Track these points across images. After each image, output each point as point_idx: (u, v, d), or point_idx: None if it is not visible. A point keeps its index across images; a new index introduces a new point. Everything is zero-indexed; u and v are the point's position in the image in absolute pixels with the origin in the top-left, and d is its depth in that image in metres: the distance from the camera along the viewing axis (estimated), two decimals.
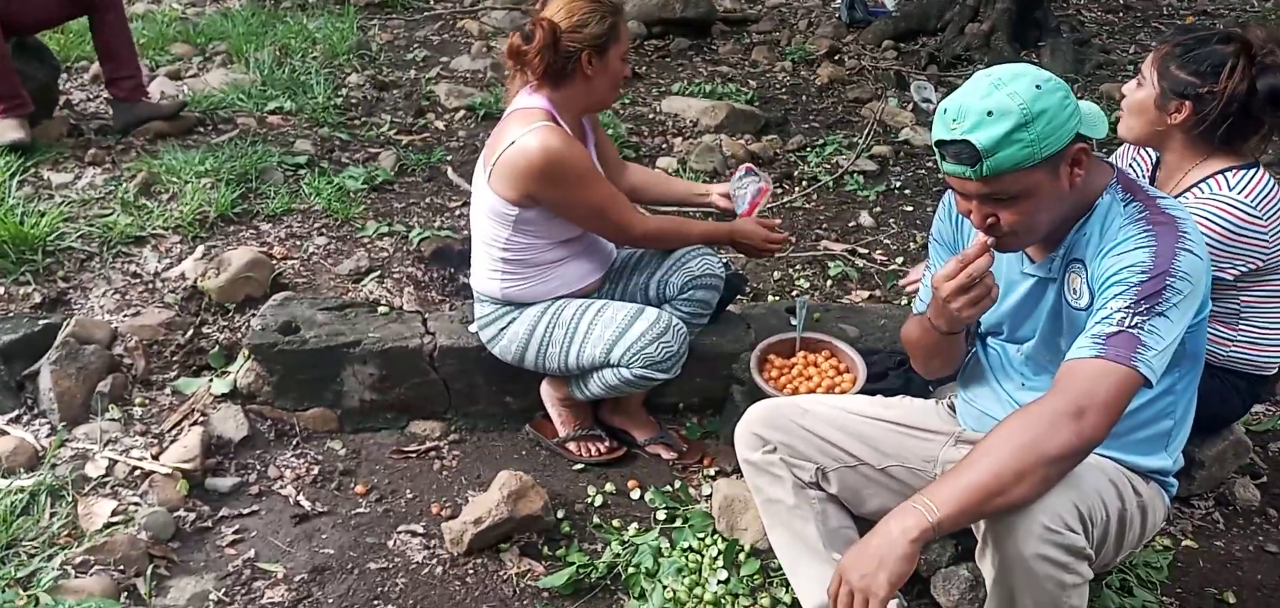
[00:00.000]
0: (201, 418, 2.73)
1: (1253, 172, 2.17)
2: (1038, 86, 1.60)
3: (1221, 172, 2.17)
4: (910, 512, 1.54)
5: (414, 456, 2.73)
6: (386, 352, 2.75)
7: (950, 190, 1.98)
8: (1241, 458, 2.59)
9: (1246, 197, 2.13)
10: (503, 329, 2.56)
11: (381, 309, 2.93)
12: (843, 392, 2.47)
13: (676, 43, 6.67)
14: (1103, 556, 1.75)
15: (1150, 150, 2.37)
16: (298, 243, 3.51)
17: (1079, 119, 1.64)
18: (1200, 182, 2.18)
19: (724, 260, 2.85)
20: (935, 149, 1.69)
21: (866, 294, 3.63)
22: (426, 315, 2.90)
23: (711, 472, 2.68)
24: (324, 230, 3.61)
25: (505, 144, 2.36)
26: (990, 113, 1.59)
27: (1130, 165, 2.45)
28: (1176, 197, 2.22)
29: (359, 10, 6.78)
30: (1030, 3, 7.18)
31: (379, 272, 3.32)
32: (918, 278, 2.60)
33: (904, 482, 2.02)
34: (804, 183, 4.65)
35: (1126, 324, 1.58)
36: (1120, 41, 7.65)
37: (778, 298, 3.54)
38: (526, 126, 2.33)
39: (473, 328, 2.67)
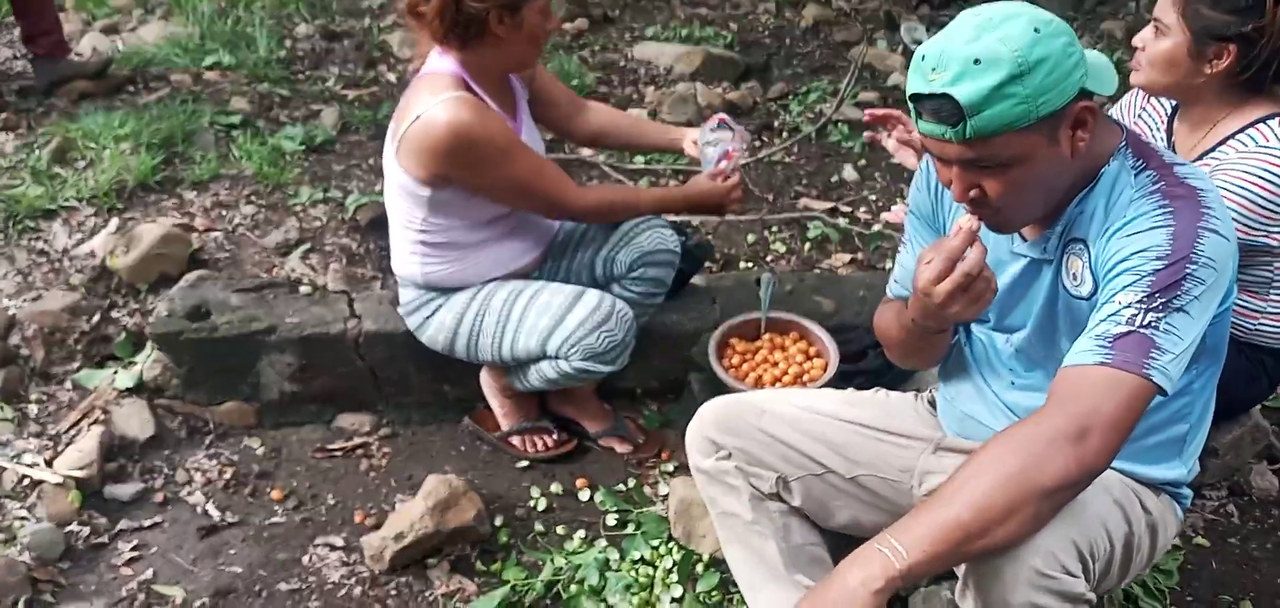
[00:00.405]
0: (103, 416, 2.45)
1: None
2: (1036, 30, 1.30)
3: (1265, 120, 1.87)
4: (874, 556, 1.27)
5: (339, 454, 2.46)
6: (306, 339, 2.47)
7: (927, 154, 1.69)
8: (1259, 443, 2.33)
9: None
10: (428, 317, 2.27)
11: (303, 289, 2.65)
12: (811, 380, 2.19)
13: None
14: (1104, 585, 1.49)
15: (1165, 99, 2.07)
16: (223, 212, 3.21)
17: (1084, 71, 1.34)
18: (1239, 132, 1.88)
19: (684, 232, 2.56)
20: (910, 104, 1.39)
21: (847, 258, 3.33)
22: (353, 296, 2.61)
23: (670, 467, 2.41)
24: (253, 198, 3.30)
25: (411, 117, 2.05)
26: (977, 61, 1.29)
27: (1138, 119, 2.15)
28: (1209, 151, 1.93)
29: None
30: None
31: (309, 244, 3.02)
32: (902, 217, 2.29)
33: (877, 493, 1.75)
34: (784, 134, 4.34)
35: (1138, 323, 1.30)
36: None
37: (750, 264, 3.25)
38: (434, 96, 2.03)
39: (399, 312, 2.38)
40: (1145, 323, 1.30)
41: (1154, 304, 1.30)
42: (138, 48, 4.45)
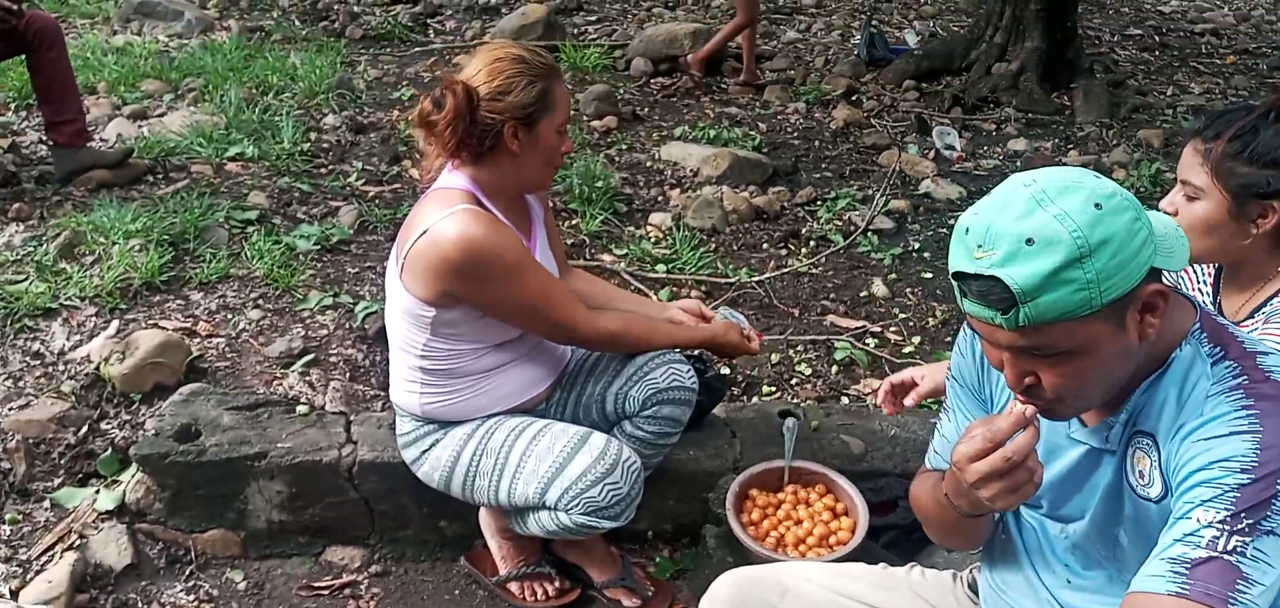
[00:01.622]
0: (79, 541, 2.30)
1: None
2: (1097, 205, 1.14)
3: None
4: None
5: (326, 593, 2.29)
6: (298, 466, 2.32)
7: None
8: None
9: None
10: (425, 452, 2.11)
11: (300, 408, 2.50)
12: (839, 543, 2.01)
13: (683, 82, 6.25)
14: None
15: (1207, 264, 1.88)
16: (228, 316, 3.09)
17: (1153, 249, 1.18)
18: None
19: (702, 362, 2.40)
20: (954, 282, 1.23)
21: (876, 385, 3.15)
22: (351, 418, 2.47)
23: None
24: (261, 302, 3.19)
25: (417, 232, 1.93)
26: (1030, 241, 1.13)
27: (1175, 286, 1.94)
28: (1259, 308, 1.75)
29: (350, 44, 6.44)
30: (1062, 41, 6.72)
31: (313, 355, 2.89)
32: (901, 386, 2.10)
33: None
34: (811, 243, 4.19)
35: (1221, 547, 1.11)
36: (1157, 83, 7.16)
37: (774, 390, 3.08)
38: (443, 210, 1.90)
39: (398, 440, 2.22)
40: (1229, 548, 1.11)
41: (1238, 526, 1.12)
42: (161, 136, 4.41)
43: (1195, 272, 1.93)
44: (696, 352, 2.52)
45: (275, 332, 3.02)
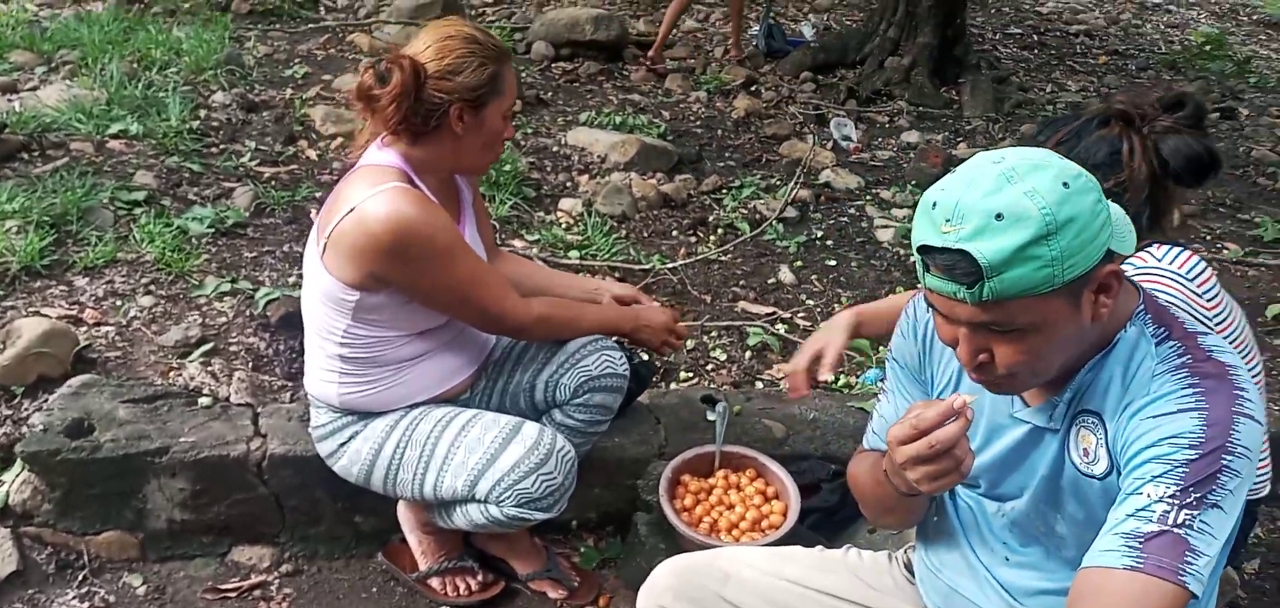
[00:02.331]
0: None
1: (1175, 248, 1.78)
2: (1064, 184, 1.16)
3: (1144, 248, 1.77)
4: None
5: (233, 596, 2.17)
6: (202, 462, 2.19)
7: (920, 303, 1.54)
8: (1226, 596, 2.22)
9: (1180, 268, 1.73)
10: (342, 445, 2.02)
11: (203, 400, 2.37)
12: (772, 527, 2.01)
13: (586, 68, 6.20)
14: None
15: None
16: (118, 303, 2.90)
17: (1111, 231, 1.20)
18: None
19: (629, 350, 2.37)
20: (917, 256, 1.23)
21: (785, 371, 3.18)
22: (258, 410, 2.35)
23: None
24: (153, 288, 3.00)
25: (343, 210, 1.83)
26: (1000, 216, 1.14)
27: None
28: None
29: (237, 18, 6.14)
30: (951, 38, 6.94)
31: (212, 344, 2.74)
32: (800, 374, 2.10)
33: None
34: (720, 231, 4.21)
35: (1172, 521, 1.15)
36: (1037, 80, 7.47)
37: (690, 375, 3.08)
38: (372, 188, 1.82)
39: (310, 434, 2.12)
40: (1179, 522, 1.15)
41: (1187, 501, 1.15)
42: (36, 111, 4.11)
43: None
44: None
45: (170, 320, 2.85)
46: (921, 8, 6.81)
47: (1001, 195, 1.14)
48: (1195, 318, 1.69)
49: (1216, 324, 1.74)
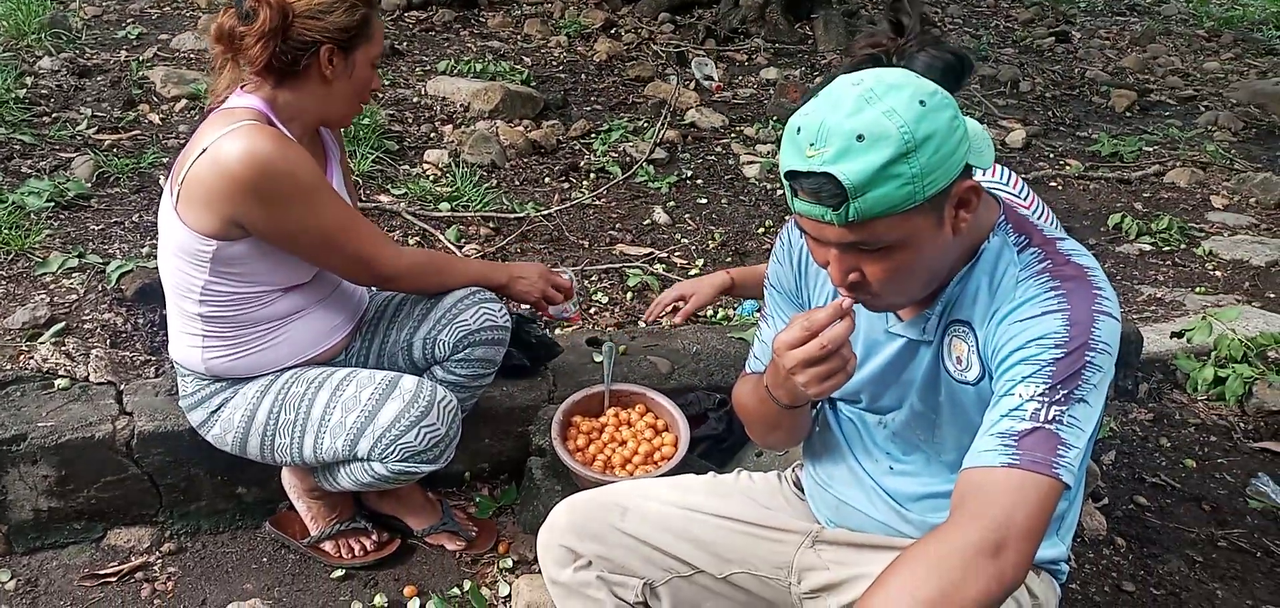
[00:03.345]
0: None
1: (1007, 169, 1.91)
2: (921, 102, 1.20)
3: None
4: None
5: (113, 580, 2.07)
6: (64, 446, 2.07)
7: (794, 228, 1.58)
8: (1089, 487, 2.39)
9: (1013, 187, 1.85)
10: (214, 413, 1.94)
11: (60, 382, 2.23)
12: (664, 459, 2.05)
13: (441, 15, 6.06)
14: None
15: None
16: None
17: (968, 146, 1.27)
18: None
19: (529, 324, 2.36)
20: (785, 181, 1.27)
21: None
22: (122, 388, 2.23)
23: (509, 562, 2.18)
24: None
25: (196, 152, 1.74)
26: (861, 137, 1.18)
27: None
28: None
29: None
30: None
31: (63, 323, 2.58)
32: (667, 305, 2.23)
33: (751, 593, 1.62)
34: (592, 176, 4.21)
35: (1043, 417, 1.23)
36: (885, 14, 7.71)
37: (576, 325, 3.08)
38: (226, 127, 1.74)
39: (180, 405, 2.03)
40: (1049, 418, 1.23)
41: (1056, 397, 1.23)
42: None
43: None
44: (530, 313, 2.49)
45: (14, 301, 2.66)
46: None
47: (861, 116, 1.18)
48: None
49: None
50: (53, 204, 3.17)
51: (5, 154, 3.48)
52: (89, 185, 3.35)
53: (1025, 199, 1.85)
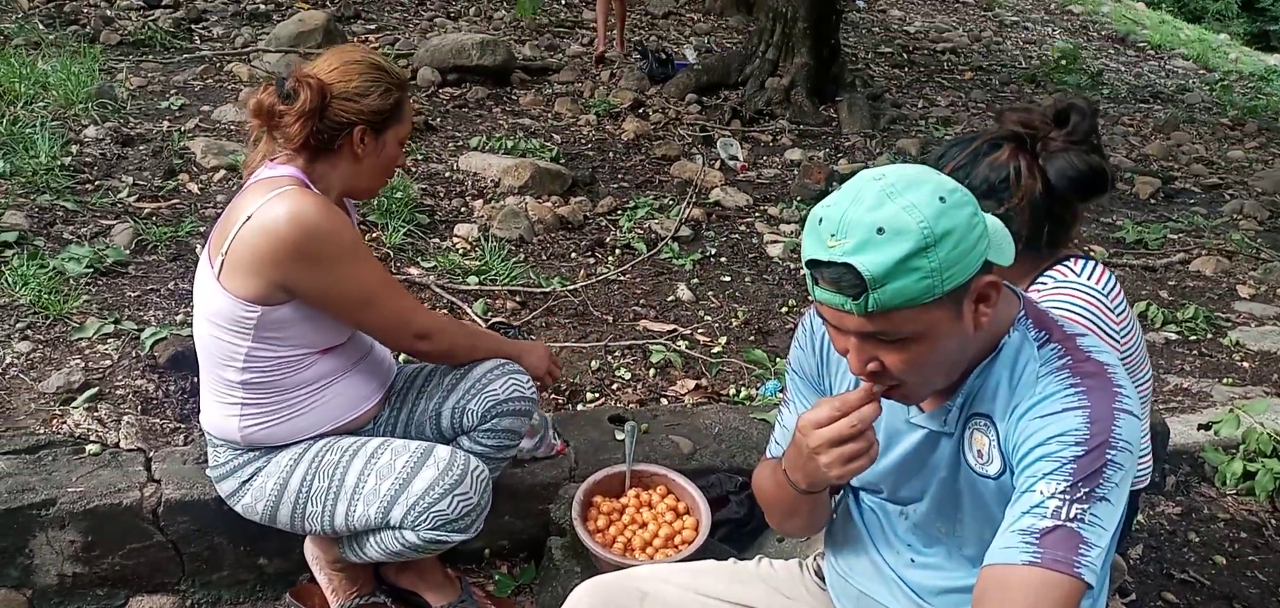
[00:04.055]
0: None
1: (1092, 262, 1.91)
2: (941, 199, 1.23)
3: (1060, 262, 1.89)
4: None
5: None
6: (93, 512, 2.10)
7: (814, 312, 1.60)
8: (1114, 581, 2.36)
9: (1097, 282, 1.86)
10: (245, 483, 1.97)
11: (90, 448, 2.27)
12: (685, 542, 2.05)
13: (474, 93, 6.18)
14: None
15: None
16: None
17: (987, 243, 1.29)
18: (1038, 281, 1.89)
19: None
20: (807, 270, 1.29)
21: (692, 385, 3.25)
22: (151, 455, 2.27)
23: None
24: (29, 332, 2.87)
25: (241, 220, 1.80)
26: (881, 230, 1.21)
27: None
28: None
29: (107, 50, 5.90)
30: (826, 58, 7.19)
31: (97, 389, 2.63)
32: None
33: None
34: (617, 251, 4.26)
35: (1064, 516, 1.23)
36: (909, 96, 7.80)
37: (595, 395, 3.11)
38: (268, 193, 1.80)
39: (209, 475, 2.06)
40: (1071, 516, 1.23)
41: (1078, 495, 1.24)
42: None
43: None
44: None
45: (50, 365, 2.72)
46: (797, 30, 7.03)
47: (882, 210, 1.21)
48: (1103, 330, 1.79)
49: (1122, 336, 1.84)
50: (92, 270, 3.25)
51: (49, 220, 3.57)
52: (127, 252, 3.42)
53: (1108, 293, 1.83)
